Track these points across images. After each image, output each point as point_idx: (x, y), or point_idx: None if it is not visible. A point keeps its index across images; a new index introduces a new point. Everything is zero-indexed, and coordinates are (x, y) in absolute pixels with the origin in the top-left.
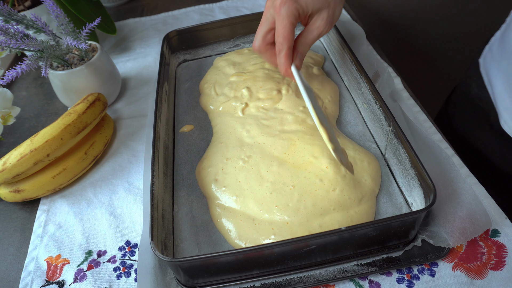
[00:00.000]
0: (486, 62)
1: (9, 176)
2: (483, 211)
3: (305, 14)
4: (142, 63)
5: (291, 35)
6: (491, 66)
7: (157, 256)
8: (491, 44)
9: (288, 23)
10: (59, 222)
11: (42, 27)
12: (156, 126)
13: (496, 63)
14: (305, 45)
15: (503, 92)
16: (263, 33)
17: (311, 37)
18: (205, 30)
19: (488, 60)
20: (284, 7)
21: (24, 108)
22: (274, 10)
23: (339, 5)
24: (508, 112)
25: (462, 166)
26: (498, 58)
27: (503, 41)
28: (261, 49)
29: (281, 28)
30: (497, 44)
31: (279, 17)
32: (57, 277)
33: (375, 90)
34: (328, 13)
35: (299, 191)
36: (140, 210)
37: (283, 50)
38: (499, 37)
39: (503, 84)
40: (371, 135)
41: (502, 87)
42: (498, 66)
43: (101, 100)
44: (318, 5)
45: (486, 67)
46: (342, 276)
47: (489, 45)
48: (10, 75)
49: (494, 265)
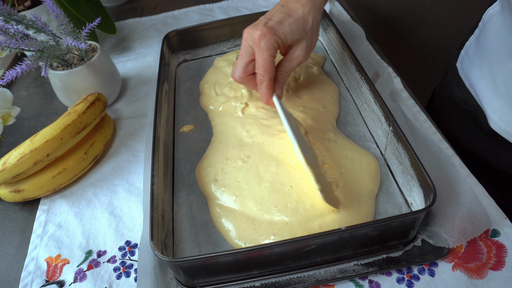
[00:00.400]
0: (464, 66)
1: (9, 176)
2: (483, 211)
3: (284, 45)
4: (142, 63)
5: (271, 67)
6: (471, 70)
7: (157, 256)
8: (466, 49)
9: (268, 56)
10: (59, 222)
11: (42, 27)
12: (156, 126)
13: (477, 67)
14: (285, 75)
15: (489, 95)
16: (243, 64)
17: (290, 66)
18: (205, 30)
19: (467, 65)
20: (264, 40)
21: (24, 108)
22: (253, 42)
23: (316, 34)
24: (497, 113)
25: (462, 166)
26: (478, 63)
27: (479, 46)
28: (242, 80)
29: (262, 60)
30: (473, 49)
31: (259, 50)
32: (57, 277)
33: (375, 90)
34: (307, 42)
35: (297, 191)
36: (140, 210)
37: (264, 81)
38: (474, 42)
39: (488, 87)
40: (371, 135)
41: (488, 90)
42: (480, 71)
43: (101, 100)
44: (296, 36)
45: (465, 71)
46: (342, 276)
47: (465, 50)
48: (10, 75)
49: (494, 265)
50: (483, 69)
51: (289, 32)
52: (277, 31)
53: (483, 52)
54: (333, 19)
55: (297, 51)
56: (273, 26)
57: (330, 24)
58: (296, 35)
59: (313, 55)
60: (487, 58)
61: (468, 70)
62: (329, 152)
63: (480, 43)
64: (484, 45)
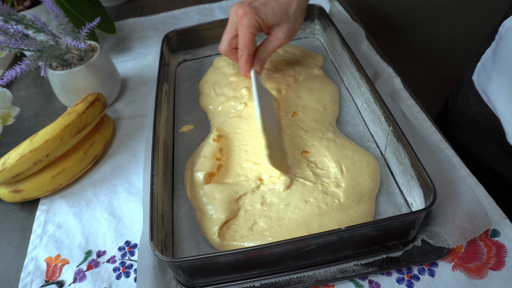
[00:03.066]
0: (481, 80)
1: (9, 176)
2: (483, 211)
3: (265, 25)
4: (141, 63)
5: (250, 43)
6: (488, 84)
7: (156, 256)
8: (483, 62)
9: (248, 33)
10: (59, 222)
11: (41, 27)
12: (155, 126)
13: (495, 81)
14: (265, 53)
15: (508, 110)
16: (228, 38)
17: (271, 46)
18: (204, 30)
19: (483, 79)
20: (245, 18)
21: (24, 108)
22: (237, 19)
23: (299, 19)
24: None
25: (462, 166)
26: (496, 77)
27: (497, 60)
28: (226, 52)
29: (242, 37)
30: (490, 63)
31: (240, 27)
32: (56, 277)
33: (375, 90)
34: (288, 26)
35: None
36: (140, 210)
37: (243, 56)
38: (491, 55)
39: (507, 102)
40: (370, 135)
41: (506, 106)
42: (498, 85)
43: (101, 100)
44: (277, 19)
45: (482, 85)
46: (342, 276)
47: (481, 63)
48: (9, 75)
49: (493, 265)
50: (502, 84)
51: (271, 14)
52: (259, 11)
53: (501, 66)
54: (333, 19)
55: (278, 33)
56: (256, 7)
57: (330, 24)
58: (278, 17)
59: (313, 55)
60: (506, 73)
61: (486, 84)
62: (329, 152)
63: (498, 57)
64: (502, 59)
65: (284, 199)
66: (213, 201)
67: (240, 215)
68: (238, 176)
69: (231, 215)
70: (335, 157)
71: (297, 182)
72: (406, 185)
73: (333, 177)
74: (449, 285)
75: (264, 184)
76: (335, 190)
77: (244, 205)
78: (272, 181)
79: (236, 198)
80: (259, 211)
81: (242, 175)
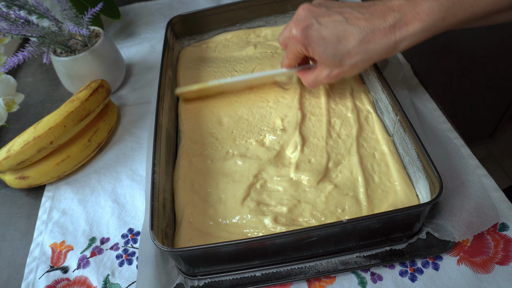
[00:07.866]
0: None
1: (14, 163)
2: (491, 205)
3: (311, 56)
4: (147, 48)
5: (292, 60)
6: None
7: (156, 246)
8: None
9: (291, 54)
10: (64, 208)
11: (44, 13)
12: (158, 114)
13: None
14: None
15: None
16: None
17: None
18: (210, 15)
19: None
20: (292, 41)
21: (30, 94)
22: (289, 34)
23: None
24: None
25: (472, 157)
26: None
27: None
28: (281, 45)
29: (287, 52)
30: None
31: (289, 46)
32: (61, 263)
33: (383, 77)
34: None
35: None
36: (143, 198)
37: (283, 65)
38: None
39: None
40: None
41: None
42: None
43: (105, 87)
44: (325, 61)
45: None
46: (344, 268)
47: None
48: (11, 61)
49: (500, 259)
50: None
51: (321, 53)
52: (308, 44)
53: None
54: None
55: (322, 72)
56: (311, 36)
57: None
58: (326, 60)
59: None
60: None
61: None
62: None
63: None
64: None
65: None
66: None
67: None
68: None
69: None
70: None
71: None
72: (412, 177)
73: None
74: (454, 279)
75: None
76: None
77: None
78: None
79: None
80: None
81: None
